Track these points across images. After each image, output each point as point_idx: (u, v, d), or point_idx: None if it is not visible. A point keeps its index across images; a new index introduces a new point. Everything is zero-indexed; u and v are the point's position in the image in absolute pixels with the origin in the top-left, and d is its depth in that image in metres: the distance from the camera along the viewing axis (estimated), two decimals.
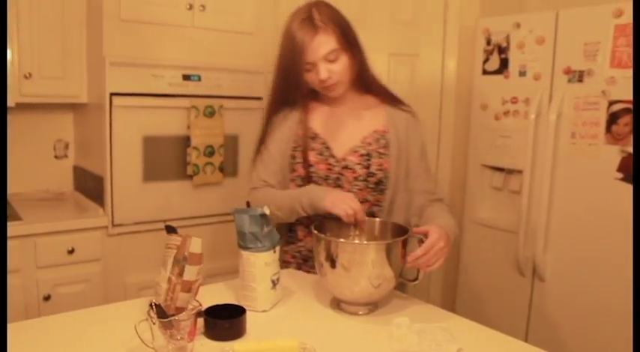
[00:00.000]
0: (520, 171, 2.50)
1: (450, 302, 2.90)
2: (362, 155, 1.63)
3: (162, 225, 1.43)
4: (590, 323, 2.28)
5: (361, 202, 1.59)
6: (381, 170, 1.63)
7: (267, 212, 1.43)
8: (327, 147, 1.65)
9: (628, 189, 2.13)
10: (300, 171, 1.66)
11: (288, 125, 1.69)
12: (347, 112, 1.69)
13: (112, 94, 2.45)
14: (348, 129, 1.67)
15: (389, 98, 1.71)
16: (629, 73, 2.10)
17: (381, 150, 1.63)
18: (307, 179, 1.65)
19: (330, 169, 1.64)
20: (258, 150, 1.75)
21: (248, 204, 1.49)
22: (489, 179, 2.67)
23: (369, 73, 1.68)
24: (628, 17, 2.10)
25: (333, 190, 1.58)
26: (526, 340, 2.46)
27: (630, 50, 2.09)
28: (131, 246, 2.56)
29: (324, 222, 1.51)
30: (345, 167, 1.63)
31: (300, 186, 1.67)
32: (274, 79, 1.67)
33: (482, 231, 2.70)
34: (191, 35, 2.65)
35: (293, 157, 1.67)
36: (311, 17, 1.53)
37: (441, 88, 2.97)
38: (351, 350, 1.25)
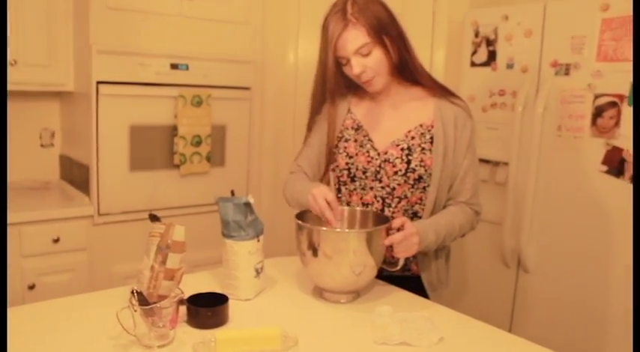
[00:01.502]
0: (506, 164, 2.51)
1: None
2: (403, 149, 1.57)
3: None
4: (574, 314, 2.30)
5: (400, 198, 1.59)
6: (422, 166, 1.56)
7: (252, 201, 1.43)
8: (369, 139, 1.62)
9: (612, 181, 2.15)
10: (340, 161, 1.64)
11: (335, 114, 1.66)
12: (391, 104, 1.63)
13: (98, 83, 2.43)
14: (391, 121, 1.62)
15: (439, 90, 1.62)
16: (615, 66, 2.12)
17: (425, 146, 1.56)
18: (346, 171, 1.64)
19: (369, 162, 1.60)
20: (305, 136, 1.75)
21: (232, 193, 1.49)
22: None
23: (414, 63, 1.58)
24: (614, 11, 2.11)
25: (318, 186, 1.52)
26: (510, 330, 2.49)
27: (616, 44, 2.11)
28: (117, 235, 2.56)
29: (305, 211, 1.52)
30: (386, 160, 1.58)
31: (339, 176, 1.67)
32: (316, 70, 1.61)
33: None
34: (179, 24, 2.63)
35: (336, 147, 1.65)
36: (344, 10, 1.48)
37: None
38: (333, 339, 1.26)
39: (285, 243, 2.51)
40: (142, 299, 1.15)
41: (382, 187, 1.60)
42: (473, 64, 2.65)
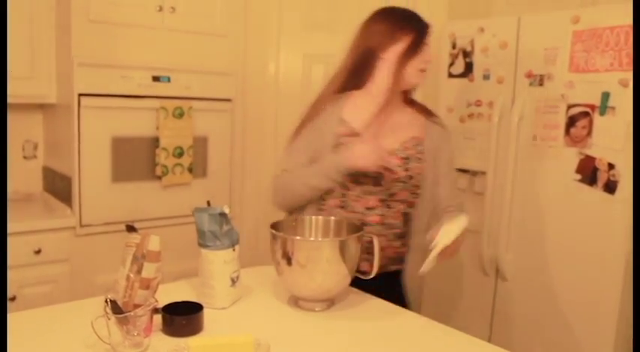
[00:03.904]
0: (484, 173, 2.55)
1: (416, 301, 2.93)
2: (402, 158, 1.70)
3: None
4: (552, 322, 2.34)
5: (400, 202, 1.72)
6: (419, 174, 1.72)
7: (227, 211, 1.45)
8: None
9: (586, 190, 2.19)
10: None
11: (329, 120, 1.73)
12: (389, 116, 1.75)
13: (80, 95, 2.45)
14: (389, 132, 1.73)
15: (425, 111, 1.83)
16: (586, 77, 2.17)
17: (419, 156, 1.73)
18: (350, 176, 1.68)
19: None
20: (294, 136, 1.79)
21: (208, 203, 1.51)
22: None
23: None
24: (584, 24, 2.16)
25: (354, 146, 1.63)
26: (490, 339, 2.52)
27: (587, 55, 2.16)
28: (99, 246, 2.56)
29: (280, 221, 1.55)
30: (385, 168, 1.68)
31: (341, 183, 1.70)
32: (344, 67, 1.76)
33: None
34: (161, 37, 2.67)
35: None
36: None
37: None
38: (306, 345, 1.28)
39: (267, 253, 2.52)
40: (116, 308, 1.17)
41: (382, 191, 1.69)
42: (450, 75, 2.70)
